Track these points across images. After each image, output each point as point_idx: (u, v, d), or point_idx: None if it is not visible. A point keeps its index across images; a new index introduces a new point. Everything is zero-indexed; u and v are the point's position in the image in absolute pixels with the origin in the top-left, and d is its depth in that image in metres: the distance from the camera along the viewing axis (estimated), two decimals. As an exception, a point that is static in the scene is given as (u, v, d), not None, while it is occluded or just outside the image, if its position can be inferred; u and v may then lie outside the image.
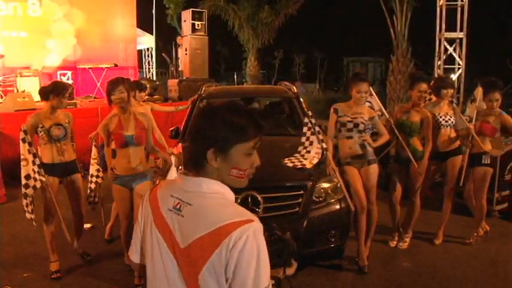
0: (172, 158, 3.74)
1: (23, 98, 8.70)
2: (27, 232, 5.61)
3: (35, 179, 4.05)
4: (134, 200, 3.89)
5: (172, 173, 3.55)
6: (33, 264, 4.64)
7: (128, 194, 3.97)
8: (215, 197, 1.46)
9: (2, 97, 10.30)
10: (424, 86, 4.71)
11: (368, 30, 31.62)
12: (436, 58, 11.11)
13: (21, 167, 4.04)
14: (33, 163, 4.02)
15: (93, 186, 5.08)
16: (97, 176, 5.08)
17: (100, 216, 5.34)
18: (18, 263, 4.68)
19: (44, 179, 4.06)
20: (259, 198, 3.98)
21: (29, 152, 4.01)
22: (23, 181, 4.02)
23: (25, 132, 4.03)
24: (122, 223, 4.06)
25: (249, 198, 3.98)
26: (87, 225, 5.64)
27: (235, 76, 32.46)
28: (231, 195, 1.52)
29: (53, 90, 4.28)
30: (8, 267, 4.57)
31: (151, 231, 1.53)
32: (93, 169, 5.07)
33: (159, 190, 1.59)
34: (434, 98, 5.07)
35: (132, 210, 3.98)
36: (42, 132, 4.22)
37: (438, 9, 10.83)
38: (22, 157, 4.03)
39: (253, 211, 3.92)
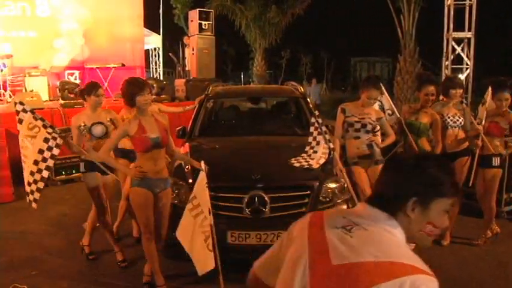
0: (202, 165, 3.69)
1: (31, 97, 8.77)
2: (36, 231, 5.68)
3: (55, 138, 4.08)
4: (158, 207, 3.80)
5: (203, 180, 3.56)
6: (41, 262, 4.67)
7: (151, 198, 3.77)
8: (395, 234, 1.40)
9: (10, 96, 10.43)
10: (431, 89, 4.69)
11: (375, 30, 31.59)
12: (444, 58, 11.05)
13: (29, 139, 4.09)
14: (44, 127, 4.03)
15: None
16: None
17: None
18: (26, 261, 4.71)
19: (59, 139, 4.07)
20: (266, 198, 3.99)
21: (35, 119, 4.01)
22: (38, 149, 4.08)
23: (21, 103, 4.12)
24: (143, 236, 3.89)
25: (256, 198, 3.99)
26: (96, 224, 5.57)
27: (242, 76, 32.65)
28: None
29: (85, 90, 4.48)
30: (16, 265, 4.62)
31: (298, 247, 1.46)
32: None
33: (326, 211, 1.56)
34: (444, 99, 4.99)
35: (153, 218, 3.80)
36: (85, 131, 4.27)
37: (446, 8, 10.77)
38: (31, 126, 4.06)
39: (260, 211, 3.98)
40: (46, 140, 4.02)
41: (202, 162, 3.66)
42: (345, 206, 4.16)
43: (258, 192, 3.98)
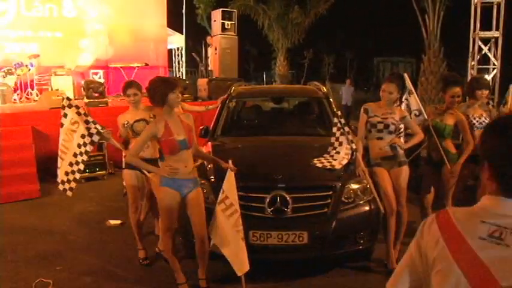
0: (230, 164, 3.67)
1: (57, 96, 8.92)
2: (60, 227, 5.77)
3: (92, 134, 4.31)
4: (187, 209, 3.77)
5: (232, 179, 3.53)
6: (66, 258, 4.76)
7: (179, 199, 3.74)
8: None
9: (37, 95, 10.67)
10: (457, 90, 4.55)
11: (399, 29, 30.99)
12: (470, 58, 10.83)
13: (71, 132, 4.34)
14: (87, 122, 4.27)
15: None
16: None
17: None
18: (52, 256, 4.80)
19: (101, 129, 4.26)
20: (288, 198, 3.95)
21: (79, 114, 4.24)
22: (79, 142, 4.32)
23: (68, 98, 4.38)
24: (163, 236, 3.90)
25: (278, 198, 3.96)
26: (116, 222, 5.72)
27: (264, 76, 32.40)
28: None
29: (123, 89, 4.53)
30: (41, 260, 4.71)
31: (446, 268, 1.26)
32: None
33: (451, 214, 1.33)
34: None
35: (177, 220, 3.81)
36: (128, 128, 4.39)
37: (473, 7, 10.54)
38: (73, 120, 4.30)
39: (281, 211, 3.95)
40: (82, 136, 4.24)
41: (230, 162, 3.66)
42: (367, 208, 4.13)
43: (280, 192, 3.95)
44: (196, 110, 5.88)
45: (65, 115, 4.30)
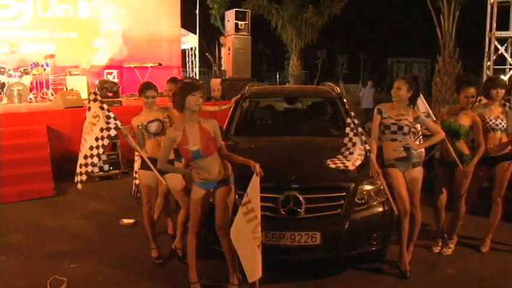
0: (257, 167, 3.58)
1: (72, 95, 9.03)
2: (74, 225, 5.82)
3: (109, 129, 4.49)
4: (216, 204, 3.80)
5: (256, 184, 3.48)
6: (79, 256, 4.80)
7: (206, 194, 3.82)
8: None
9: (52, 95, 10.80)
10: (471, 91, 4.48)
11: (413, 30, 30.69)
12: (486, 58, 10.68)
13: (92, 126, 4.54)
14: (107, 117, 4.48)
15: (137, 182, 5.13)
16: (141, 173, 4.87)
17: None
18: (66, 254, 4.85)
19: (120, 125, 4.42)
20: (301, 199, 3.93)
21: (102, 109, 4.41)
22: (97, 135, 4.51)
23: (95, 93, 4.61)
24: (190, 229, 3.96)
25: (291, 198, 3.95)
26: (129, 221, 5.75)
27: (277, 76, 32.10)
28: None
29: (140, 90, 4.53)
30: (55, 258, 4.76)
31: None
32: (137, 166, 5.06)
33: None
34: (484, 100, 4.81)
35: (204, 214, 3.84)
36: (142, 130, 4.38)
37: (489, 6, 10.40)
38: (95, 114, 4.51)
39: (294, 212, 3.94)
40: (101, 130, 4.39)
41: (257, 165, 3.58)
42: (380, 209, 4.10)
43: (293, 192, 3.93)
44: (210, 110, 5.90)
45: (89, 108, 4.49)
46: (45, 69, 11.01)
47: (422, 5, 13.02)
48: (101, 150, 4.39)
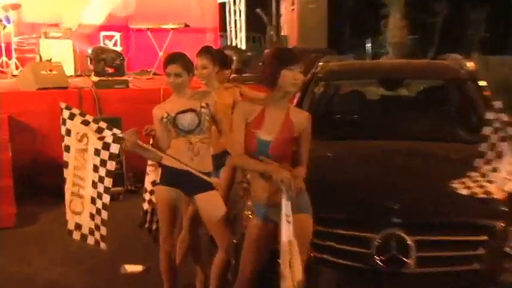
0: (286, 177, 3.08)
1: (49, 70, 7.67)
2: (49, 273, 5.03)
3: (108, 145, 3.75)
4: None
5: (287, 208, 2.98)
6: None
7: (271, 229, 3.33)
8: None
9: (17, 68, 9.27)
10: None
11: None
12: None
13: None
14: (98, 131, 3.73)
15: (147, 207, 4.48)
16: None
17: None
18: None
19: (118, 133, 3.73)
20: (409, 242, 3.29)
21: (85, 124, 3.79)
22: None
23: (68, 107, 3.85)
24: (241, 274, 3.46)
25: (393, 240, 3.32)
26: (135, 268, 4.87)
27: (368, 45, 25.88)
28: None
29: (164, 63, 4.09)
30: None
31: None
32: (148, 181, 4.48)
33: None
34: None
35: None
36: (169, 123, 3.95)
37: None
38: (79, 135, 3.75)
39: (399, 262, 3.30)
40: (97, 153, 3.84)
41: (286, 176, 3.03)
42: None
43: (395, 231, 3.33)
44: (260, 98, 4.73)
45: (68, 132, 3.92)
46: (4, 27, 9.57)
47: None
48: (107, 183, 3.77)
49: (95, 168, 3.86)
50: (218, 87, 4.61)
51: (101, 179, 3.84)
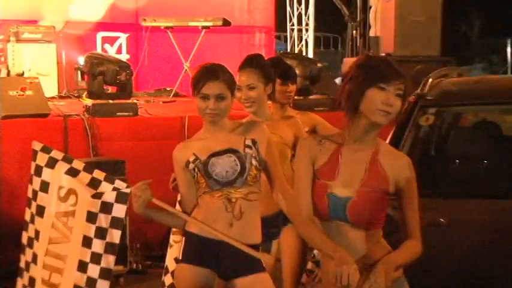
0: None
1: (21, 89, 6.27)
2: None
3: (108, 207, 3.20)
4: None
5: None
6: None
7: None
8: None
9: None
10: None
11: None
12: None
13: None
14: (92, 184, 3.20)
15: None
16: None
17: None
18: None
19: (124, 187, 3.17)
20: None
21: (72, 174, 3.20)
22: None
23: (45, 149, 3.34)
24: None
25: None
26: None
27: (509, 49, 21.25)
28: None
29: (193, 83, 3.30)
30: None
31: None
32: (171, 256, 3.96)
33: None
34: None
35: None
36: (197, 170, 3.15)
37: None
38: (63, 192, 3.20)
39: None
40: (91, 218, 3.14)
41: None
42: None
43: None
44: (336, 133, 4.34)
45: (44, 187, 3.25)
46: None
47: None
48: (106, 262, 3.13)
49: (87, 242, 3.28)
50: (273, 116, 3.90)
51: (96, 258, 3.25)
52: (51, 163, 3.32)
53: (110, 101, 6.40)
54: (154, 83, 8.85)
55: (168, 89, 8.53)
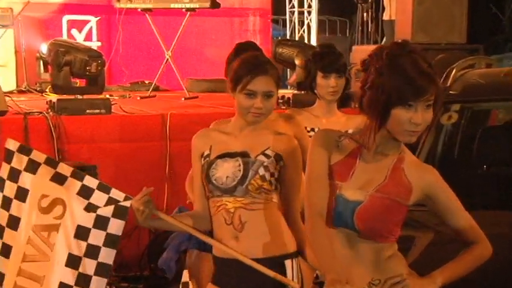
0: None
1: None
2: None
3: (104, 222, 2.85)
4: None
5: None
6: None
7: None
8: None
9: None
10: None
11: None
12: None
13: None
14: (84, 193, 2.80)
15: None
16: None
17: None
18: None
19: (121, 199, 2.81)
20: None
21: (58, 180, 2.82)
22: None
23: (24, 149, 3.00)
24: None
25: None
26: None
27: None
28: None
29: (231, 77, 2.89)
30: None
31: None
32: (187, 276, 4.16)
33: None
34: None
35: None
36: (203, 169, 2.97)
37: None
38: (45, 202, 2.85)
39: None
40: (82, 234, 2.80)
41: None
42: None
43: None
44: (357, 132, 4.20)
45: (21, 194, 2.86)
46: None
47: None
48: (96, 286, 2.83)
49: (72, 262, 2.86)
50: (275, 116, 3.51)
51: (83, 281, 2.85)
52: (32, 167, 2.94)
53: (79, 97, 5.95)
54: (130, 75, 8.32)
55: (146, 82, 8.06)
